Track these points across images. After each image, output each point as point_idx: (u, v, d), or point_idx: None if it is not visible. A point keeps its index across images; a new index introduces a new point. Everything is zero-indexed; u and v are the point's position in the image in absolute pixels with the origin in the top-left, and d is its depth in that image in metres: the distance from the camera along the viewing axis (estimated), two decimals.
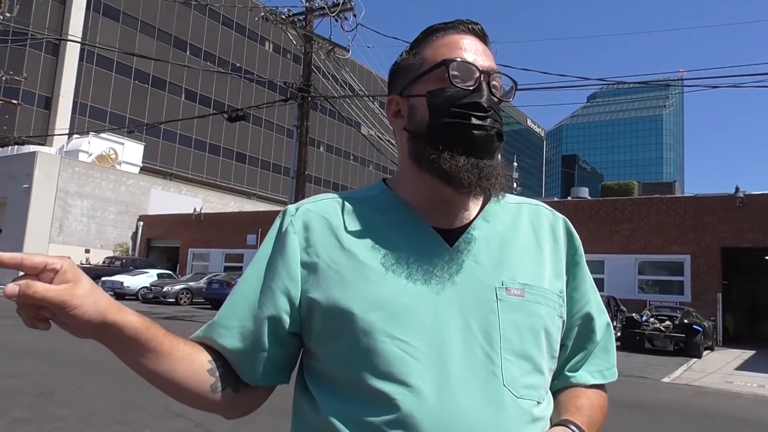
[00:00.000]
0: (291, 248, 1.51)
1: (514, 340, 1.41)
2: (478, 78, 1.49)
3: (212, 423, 8.11)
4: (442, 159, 1.46)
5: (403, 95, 1.59)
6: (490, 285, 1.44)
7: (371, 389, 1.35)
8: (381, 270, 1.44)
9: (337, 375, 1.43)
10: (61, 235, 46.07)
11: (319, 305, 1.44)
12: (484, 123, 1.47)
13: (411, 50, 1.61)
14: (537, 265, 1.54)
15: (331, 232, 1.51)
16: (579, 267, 1.64)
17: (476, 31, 1.58)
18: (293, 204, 1.62)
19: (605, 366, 1.62)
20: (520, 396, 1.37)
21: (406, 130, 1.58)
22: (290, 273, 1.48)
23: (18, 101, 48.89)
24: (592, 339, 1.62)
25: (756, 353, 23.77)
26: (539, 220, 1.63)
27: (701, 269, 28.43)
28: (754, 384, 15.76)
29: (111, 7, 66.75)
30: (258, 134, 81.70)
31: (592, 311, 1.62)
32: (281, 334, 1.49)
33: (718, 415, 11.53)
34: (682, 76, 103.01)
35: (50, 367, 11.90)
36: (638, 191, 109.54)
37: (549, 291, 1.51)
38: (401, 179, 1.62)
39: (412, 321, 1.38)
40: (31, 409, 8.38)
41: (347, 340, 1.40)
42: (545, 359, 1.46)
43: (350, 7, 25.25)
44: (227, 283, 33.31)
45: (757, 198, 27.94)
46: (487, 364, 1.37)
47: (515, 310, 1.43)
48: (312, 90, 26.22)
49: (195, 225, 47.60)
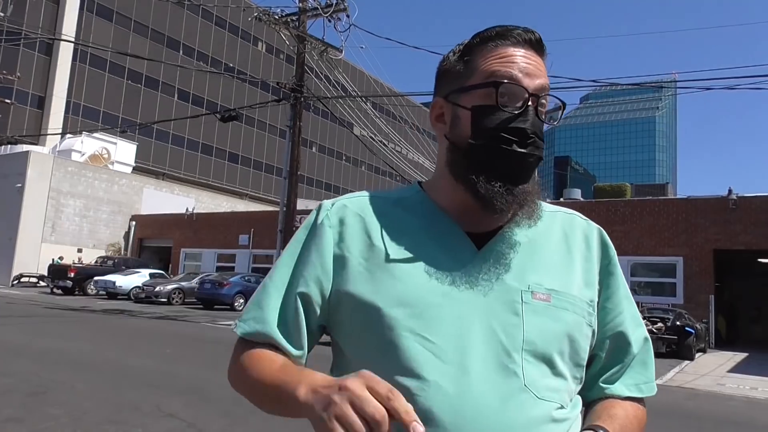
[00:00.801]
0: (326, 241, 1.53)
1: (537, 343, 1.41)
2: (526, 101, 1.47)
3: (204, 422, 8.11)
4: (479, 182, 1.46)
5: (449, 101, 1.57)
6: (516, 288, 1.45)
7: (393, 384, 1.30)
8: (408, 268, 1.46)
9: (364, 368, 1.41)
10: (53, 235, 46.02)
11: (347, 299, 1.47)
12: (525, 150, 1.46)
13: (462, 55, 1.58)
14: (566, 271, 1.54)
15: (364, 230, 1.54)
16: (613, 277, 1.63)
17: (533, 42, 1.53)
18: (328, 200, 1.63)
19: (642, 380, 1.59)
20: (541, 397, 1.38)
21: (447, 138, 1.57)
22: (324, 265, 1.51)
23: (11, 101, 48.89)
24: (628, 352, 1.59)
25: (748, 356, 23.82)
26: (572, 228, 1.63)
27: (694, 271, 28.48)
28: (746, 386, 15.79)
29: (104, 7, 66.60)
30: (251, 134, 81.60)
31: (626, 323, 1.60)
32: (312, 325, 1.52)
33: (709, 418, 11.55)
34: (675, 77, 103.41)
35: (43, 366, 11.87)
36: (631, 193, 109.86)
37: (577, 298, 1.51)
38: (436, 183, 1.63)
39: (436, 319, 1.40)
40: (24, 408, 8.36)
41: (372, 334, 1.42)
42: (567, 365, 1.46)
43: (343, 7, 25.24)
44: (219, 283, 33.34)
45: (749, 200, 28.00)
46: (508, 364, 1.37)
47: (540, 314, 1.43)
48: (305, 90, 26.19)
49: (187, 225, 47.58)
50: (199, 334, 20.02)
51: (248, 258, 43.93)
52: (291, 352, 1.49)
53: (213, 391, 10.32)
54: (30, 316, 22.32)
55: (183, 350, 15.95)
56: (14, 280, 43.02)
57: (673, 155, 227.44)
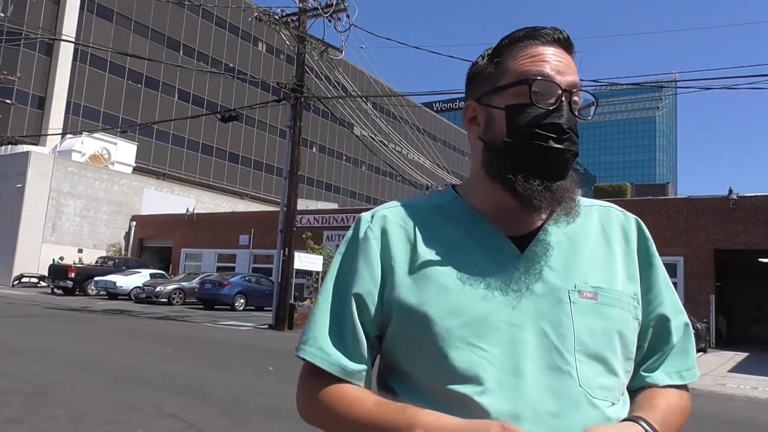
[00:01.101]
0: (373, 253, 1.53)
1: (588, 342, 1.42)
2: (560, 96, 1.49)
3: (204, 423, 8.11)
4: (517, 181, 1.47)
5: (482, 103, 1.58)
6: (563, 289, 1.46)
7: (449, 393, 1.37)
8: (456, 277, 1.46)
9: (415, 377, 1.45)
10: (54, 235, 46.04)
11: (396, 310, 1.47)
12: (561, 146, 1.47)
13: (492, 57, 1.59)
14: (609, 267, 1.55)
15: (407, 240, 1.54)
16: (652, 268, 1.64)
17: (561, 40, 1.55)
18: (367, 212, 1.64)
19: (684, 367, 1.60)
20: (595, 396, 1.39)
21: (482, 139, 1.58)
22: (373, 275, 1.52)
23: (11, 101, 48.88)
24: (669, 340, 1.60)
25: (749, 355, 23.82)
26: (609, 221, 1.64)
27: (694, 271, 28.46)
28: (746, 386, 15.78)
29: (105, 8, 66.53)
30: (251, 134, 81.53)
31: (666, 312, 1.61)
32: (371, 336, 1.52)
33: (710, 418, 11.53)
34: (675, 77, 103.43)
35: (43, 366, 11.86)
36: (631, 193, 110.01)
37: (622, 293, 1.51)
38: (472, 186, 1.63)
39: (488, 328, 1.40)
40: (24, 409, 8.35)
41: (425, 345, 1.42)
42: (619, 361, 1.47)
43: (343, 7, 25.23)
44: (219, 284, 33.38)
45: (750, 200, 28.00)
46: (562, 366, 1.38)
47: (588, 313, 1.44)
48: (305, 90, 26.19)
49: (187, 225, 47.60)
50: (200, 335, 20.01)
51: (249, 258, 43.95)
52: (355, 371, 1.48)
53: (213, 391, 10.32)
54: (30, 317, 22.32)
55: (183, 350, 15.94)
56: (15, 280, 43.02)
57: (674, 155, 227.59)
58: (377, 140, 41.12)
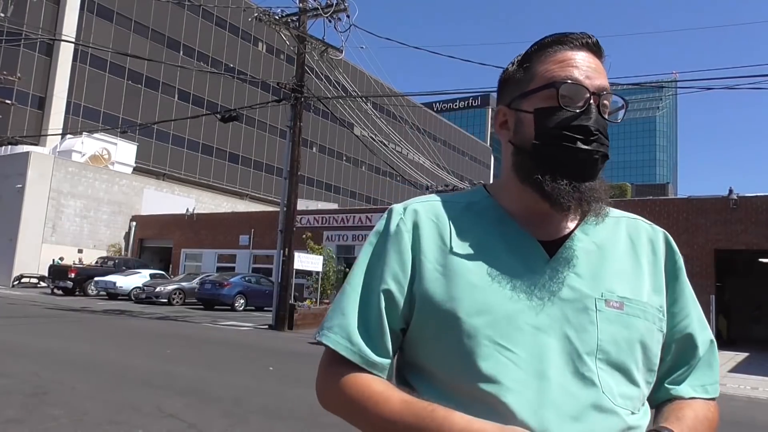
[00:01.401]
0: (405, 245, 1.54)
1: (611, 351, 1.42)
2: (588, 99, 1.49)
3: (205, 423, 8.11)
4: (545, 181, 1.48)
5: (512, 107, 1.60)
6: (589, 296, 1.46)
7: (473, 390, 1.38)
8: (485, 276, 1.47)
9: (437, 373, 1.46)
10: (54, 235, 46.06)
11: (423, 303, 1.48)
12: (589, 147, 1.47)
13: (522, 63, 1.61)
14: (635, 278, 1.55)
15: (439, 235, 1.55)
16: (679, 282, 1.65)
17: (590, 45, 1.57)
18: (398, 204, 1.64)
19: (708, 381, 1.60)
20: (617, 404, 1.39)
21: (512, 143, 1.59)
22: (403, 266, 1.52)
23: (11, 101, 48.87)
24: (695, 354, 1.61)
25: (749, 355, 23.80)
26: (638, 233, 1.64)
27: (694, 271, 28.39)
28: (747, 386, 15.77)
29: (105, 8, 66.53)
30: (251, 135, 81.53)
31: (693, 326, 1.62)
32: (395, 327, 1.51)
33: None
34: (675, 77, 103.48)
35: (43, 366, 11.87)
36: (631, 193, 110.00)
37: (648, 305, 1.52)
38: (503, 188, 1.64)
39: (514, 328, 1.41)
40: (24, 409, 8.36)
41: (449, 341, 1.43)
42: (641, 372, 1.47)
43: (344, 8, 25.25)
44: (220, 284, 33.37)
45: (750, 200, 27.99)
46: (585, 372, 1.39)
47: (613, 322, 1.45)
48: (305, 90, 26.19)
49: (188, 225, 47.62)
50: (200, 335, 20.00)
51: (249, 258, 43.96)
52: (377, 363, 1.48)
53: (214, 391, 10.32)
54: (30, 317, 22.33)
55: (183, 351, 15.95)
56: (15, 280, 43.04)
57: (674, 155, 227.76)
58: (377, 140, 41.18)
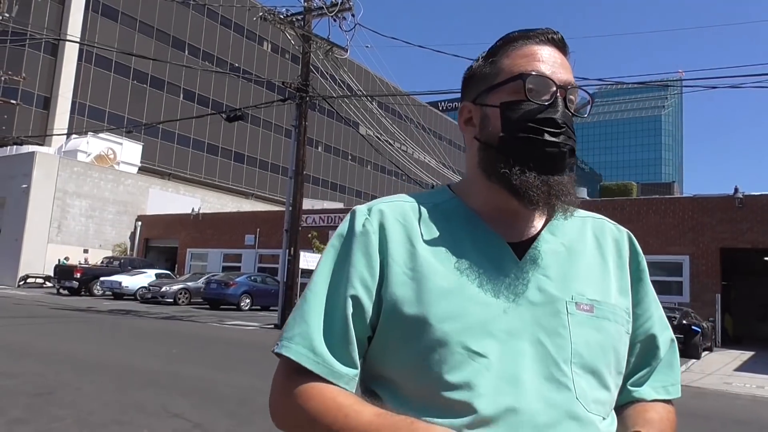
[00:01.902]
0: (372, 247, 1.47)
1: (584, 354, 1.40)
2: (555, 93, 1.48)
3: (210, 423, 8.11)
4: (512, 174, 1.45)
5: (477, 103, 1.57)
6: (560, 299, 1.43)
7: (444, 400, 1.33)
8: (455, 280, 1.42)
9: (405, 383, 1.40)
10: (59, 235, 46.12)
11: (392, 310, 1.42)
12: (557, 140, 1.45)
13: (487, 58, 1.58)
14: (603, 280, 1.53)
15: (406, 237, 1.49)
16: (642, 283, 1.63)
17: (556, 41, 1.55)
18: (362, 205, 1.58)
19: (669, 382, 1.59)
20: (590, 410, 1.37)
21: (477, 139, 1.56)
22: (373, 274, 1.45)
23: (17, 101, 48.93)
24: (656, 355, 1.59)
25: (755, 354, 23.79)
26: (603, 234, 1.62)
27: (700, 270, 28.45)
28: (752, 385, 15.77)
29: (110, 7, 66.64)
30: (256, 134, 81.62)
31: (655, 327, 1.60)
32: (362, 335, 1.44)
33: (716, 417, 11.53)
34: (681, 76, 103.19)
35: (48, 367, 11.88)
36: (637, 192, 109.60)
37: (616, 307, 1.50)
38: (469, 187, 1.60)
39: (486, 333, 1.37)
40: (30, 409, 8.36)
41: (419, 348, 1.38)
42: (612, 375, 1.46)
43: (349, 6, 25.24)
44: (225, 283, 33.38)
45: (756, 199, 27.98)
46: (560, 377, 1.36)
47: (584, 325, 1.42)
48: (310, 90, 26.20)
49: (193, 225, 47.67)
50: (206, 335, 20.02)
51: (254, 258, 43.97)
52: (344, 374, 1.39)
53: (219, 391, 10.32)
54: (36, 317, 22.36)
55: (189, 350, 15.96)
56: (20, 280, 43.11)
57: (680, 154, 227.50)
58: (383, 139, 41.23)
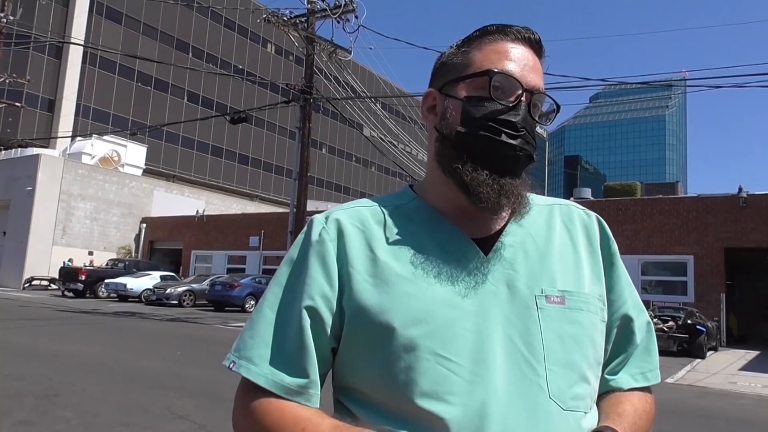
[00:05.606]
0: (329, 257, 1.44)
1: (558, 350, 1.36)
2: (520, 95, 1.44)
3: (215, 425, 8.12)
4: (464, 170, 1.42)
5: (442, 92, 1.53)
6: (529, 294, 1.40)
7: (415, 408, 1.29)
8: (419, 282, 1.38)
9: (375, 394, 1.37)
10: (64, 238, 46.11)
11: (356, 318, 1.38)
12: (513, 142, 1.41)
13: (460, 47, 1.54)
14: (575, 269, 1.49)
15: (366, 243, 1.45)
16: (615, 267, 1.58)
17: (532, 41, 1.50)
18: (320, 213, 1.54)
19: (647, 368, 1.55)
20: (567, 408, 1.33)
21: (437, 129, 1.53)
22: (331, 284, 1.41)
23: (21, 104, 48.81)
24: (632, 340, 1.55)
25: (760, 354, 23.75)
26: (572, 220, 1.58)
27: (704, 270, 28.40)
28: (757, 384, 15.73)
29: (113, 10, 66.76)
30: (260, 136, 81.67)
31: (629, 311, 1.56)
32: (323, 347, 1.41)
33: (721, 416, 11.51)
34: (685, 76, 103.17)
35: (54, 368, 11.90)
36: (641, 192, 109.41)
37: (590, 296, 1.46)
38: (429, 186, 1.57)
39: (454, 336, 1.33)
40: (35, 411, 8.38)
41: (386, 356, 1.34)
42: (591, 367, 1.42)
43: (352, 8, 25.25)
44: (230, 285, 33.39)
45: (760, 198, 27.92)
46: (532, 377, 1.32)
47: (556, 318, 1.39)
48: (314, 92, 26.19)
49: (198, 227, 47.64)
50: (210, 336, 20.03)
51: (259, 260, 43.94)
52: (299, 390, 1.36)
53: (224, 392, 10.32)
54: (41, 319, 22.38)
55: (194, 352, 15.97)
56: (25, 282, 43.08)
57: (684, 154, 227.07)
58: (386, 141, 41.20)
